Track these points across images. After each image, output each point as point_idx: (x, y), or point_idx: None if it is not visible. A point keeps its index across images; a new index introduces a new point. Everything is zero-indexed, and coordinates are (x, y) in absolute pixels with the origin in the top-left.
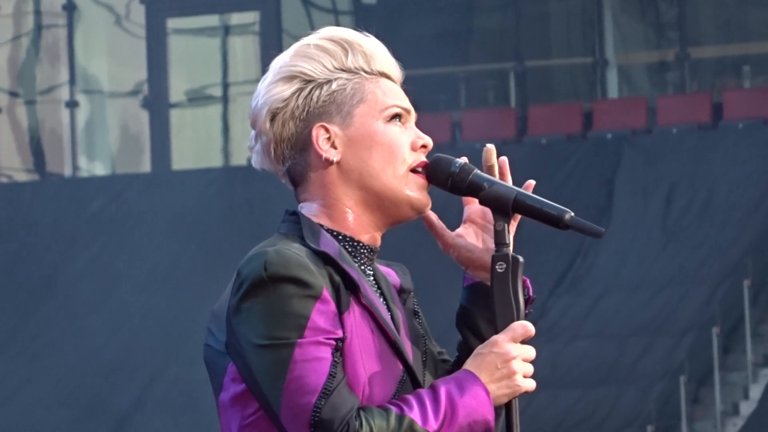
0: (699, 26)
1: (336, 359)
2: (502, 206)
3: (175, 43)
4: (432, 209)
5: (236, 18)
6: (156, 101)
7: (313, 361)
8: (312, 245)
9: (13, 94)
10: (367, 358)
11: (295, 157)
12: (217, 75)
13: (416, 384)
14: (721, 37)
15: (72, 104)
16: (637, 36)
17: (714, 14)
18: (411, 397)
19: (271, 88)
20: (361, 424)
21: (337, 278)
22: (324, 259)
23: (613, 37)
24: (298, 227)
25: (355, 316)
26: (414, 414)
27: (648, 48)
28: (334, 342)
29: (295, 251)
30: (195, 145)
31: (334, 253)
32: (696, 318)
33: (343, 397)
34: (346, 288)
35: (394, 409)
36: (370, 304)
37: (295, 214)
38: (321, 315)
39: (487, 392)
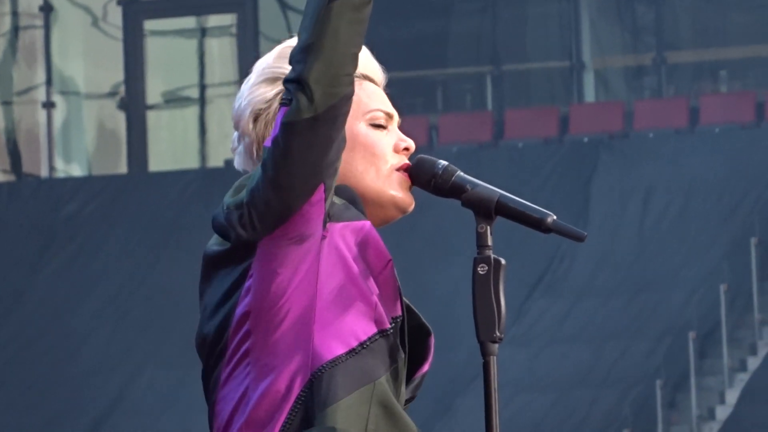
0: (676, 31)
1: None
2: (484, 208)
3: (152, 45)
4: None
5: (213, 20)
6: (133, 102)
7: None
8: None
9: None
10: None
11: None
12: (194, 77)
13: (403, 335)
14: (698, 42)
15: (48, 105)
16: (614, 40)
17: (691, 19)
18: None
19: (254, 90)
20: None
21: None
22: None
23: (590, 41)
24: None
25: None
26: None
27: (625, 52)
28: None
29: None
30: (172, 146)
31: None
32: (672, 322)
33: None
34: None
35: None
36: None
37: None
38: None
39: None
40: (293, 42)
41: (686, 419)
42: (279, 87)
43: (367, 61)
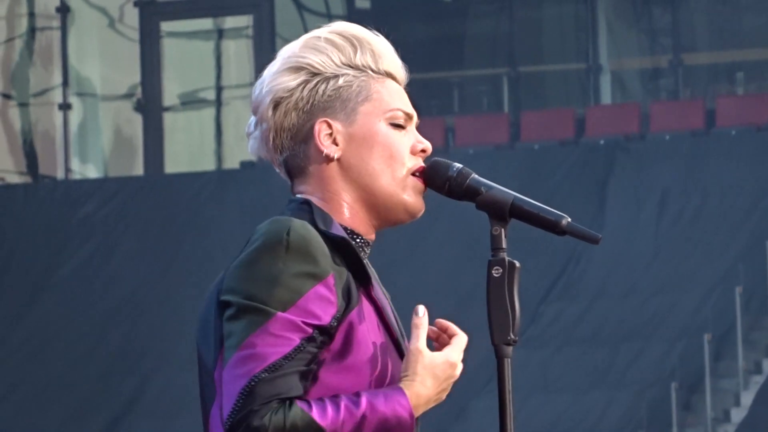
0: (692, 32)
1: (305, 348)
2: (498, 211)
3: (169, 47)
4: (424, 214)
5: (230, 21)
6: (149, 104)
7: (280, 338)
8: (326, 231)
9: (6, 96)
10: (377, 352)
11: (294, 149)
12: (211, 78)
13: None
14: (714, 44)
15: (65, 107)
16: (630, 42)
17: (707, 21)
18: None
19: (277, 77)
20: (279, 412)
21: (346, 271)
22: (338, 246)
23: (607, 43)
24: (309, 215)
25: (363, 308)
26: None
27: (641, 54)
28: (311, 330)
29: (316, 233)
30: (188, 148)
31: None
32: (687, 324)
33: (287, 381)
34: (356, 279)
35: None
36: (379, 300)
37: (306, 203)
38: (317, 299)
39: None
40: (321, 32)
41: (701, 421)
42: (302, 77)
43: (391, 59)
